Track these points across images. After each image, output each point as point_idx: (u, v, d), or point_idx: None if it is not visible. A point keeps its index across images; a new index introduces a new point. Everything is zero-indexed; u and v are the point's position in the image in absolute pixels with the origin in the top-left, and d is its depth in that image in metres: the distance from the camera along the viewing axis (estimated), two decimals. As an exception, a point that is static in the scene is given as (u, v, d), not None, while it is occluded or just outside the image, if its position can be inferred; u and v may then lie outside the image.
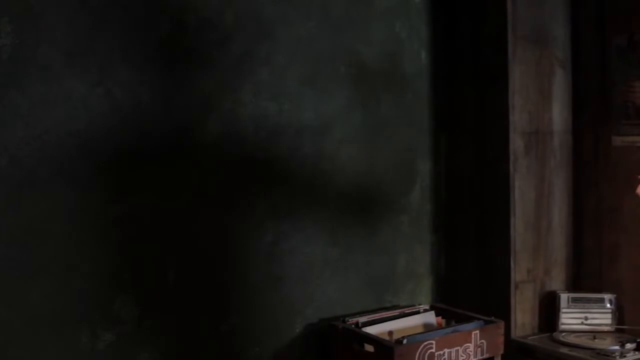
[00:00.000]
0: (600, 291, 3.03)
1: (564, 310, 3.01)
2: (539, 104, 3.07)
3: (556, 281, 3.16)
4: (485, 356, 2.75)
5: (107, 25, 2.38)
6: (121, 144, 2.43)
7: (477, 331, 2.72)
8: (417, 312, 3.00)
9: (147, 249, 2.49)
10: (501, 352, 2.80)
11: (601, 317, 2.98)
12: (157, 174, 2.51)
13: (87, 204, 2.36)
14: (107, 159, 2.40)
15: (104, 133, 2.38)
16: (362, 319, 2.83)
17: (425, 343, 2.56)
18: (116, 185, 2.43)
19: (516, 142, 3.00)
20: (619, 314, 2.98)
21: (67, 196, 2.32)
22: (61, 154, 2.30)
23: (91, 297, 2.38)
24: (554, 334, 2.98)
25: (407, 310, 3.00)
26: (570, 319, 3.00)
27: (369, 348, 2.63)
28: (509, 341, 2.89)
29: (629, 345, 2.70)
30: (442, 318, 2.99)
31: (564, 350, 2.81)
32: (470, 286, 3.18)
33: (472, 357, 2.70)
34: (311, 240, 2.88)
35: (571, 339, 2.90)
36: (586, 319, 2.99)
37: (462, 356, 2.67)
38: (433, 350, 2.58)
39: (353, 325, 2.79)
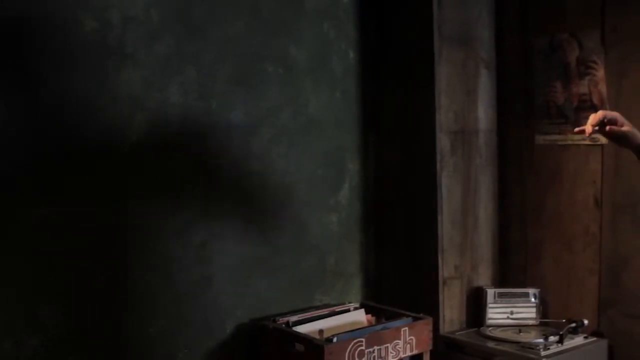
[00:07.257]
0: (525, 286, 3.11)
1: (490, 305, 3.07)
2: (464, 103, 3.13)
3: (483, 277, 3.22)
4: (414, 352, 2.78)
5: (26, 23, 2.31)
6: (44, 146, 2.36)
7: (406, 328, 2.76)
8: (347, 311, 3.02)
9: (71, 252, 2.43)
10: (430, 348, 2.84)
11: (526, 311, 3.05)
12: (82, 176, 2.45)
13: (8, 208, 2.29)
14: (31, 161, 2.34)
15: (25, 135, 2.31)
16: (293, 318, 2.83)
17: (355, 341, 2.58)
18: (39, 188, 2.36)
19: (443, 141, 3.04)
20: (543, 308, 3.07)
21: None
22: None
23: (13, 303, 2.31)
24: (481, 328, 3.04)
25: (337, 309, 3.01)
26: (497, 313, 3.07)
27: (300, 347, 2.63)
28: (437, 337, 2.93)
29: (552, 338, 2.77)
30: (372, 316, 3.01)
31: (491, 344, 2.87)
32: (400, 284, 3.22)
33: (401, 353, 2.73)
34: (241, 240, 2.86)
35: (497, 333, 2.97)
36: (512, 313, 3.06)
37: (391, 353, 2.69)
38: (363, 347, 2.60)
39: (283, 325, 2.79)
